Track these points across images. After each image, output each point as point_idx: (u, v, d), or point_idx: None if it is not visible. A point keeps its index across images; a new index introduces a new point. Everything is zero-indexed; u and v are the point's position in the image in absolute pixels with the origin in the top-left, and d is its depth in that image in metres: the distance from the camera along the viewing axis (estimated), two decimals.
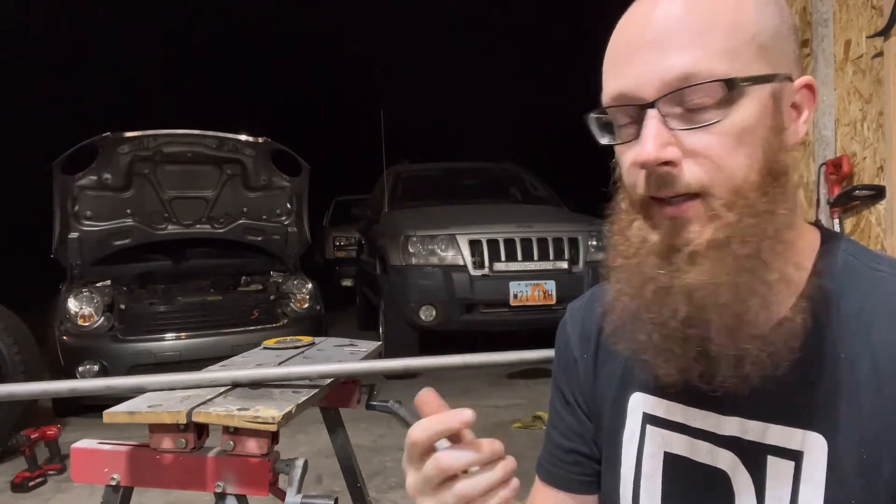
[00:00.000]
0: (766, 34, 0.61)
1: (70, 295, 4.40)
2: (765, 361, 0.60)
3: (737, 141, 0.59)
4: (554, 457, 0.84)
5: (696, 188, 0.60)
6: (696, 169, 0.60)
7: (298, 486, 1.31)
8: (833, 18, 2.61)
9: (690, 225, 0.60)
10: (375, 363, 1.87)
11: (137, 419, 1.35)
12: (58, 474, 3.38)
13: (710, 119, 0.59)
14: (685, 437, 0.69)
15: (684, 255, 0.60)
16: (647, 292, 0.62)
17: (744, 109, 0.59)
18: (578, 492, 0.82)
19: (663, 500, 0.71)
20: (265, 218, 5.27)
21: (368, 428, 3.86)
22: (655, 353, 0.64)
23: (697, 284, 0.59)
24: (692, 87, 0.58)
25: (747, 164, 0.60)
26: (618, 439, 0.76)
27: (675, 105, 0.60)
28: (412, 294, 5.10)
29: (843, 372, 0.61)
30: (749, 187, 0.59)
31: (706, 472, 0.67)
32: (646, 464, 0.73)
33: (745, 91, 0.59)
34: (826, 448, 0.60)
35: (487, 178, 7.06)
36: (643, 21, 0.62)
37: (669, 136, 0.60)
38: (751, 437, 0.65)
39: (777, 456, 0.63)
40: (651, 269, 0.62)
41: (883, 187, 2.38)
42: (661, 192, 0.61)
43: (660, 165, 0.60)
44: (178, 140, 4.77)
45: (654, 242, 0.62)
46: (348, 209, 8.16)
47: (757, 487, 0.64)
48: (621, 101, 0.63)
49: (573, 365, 0.82)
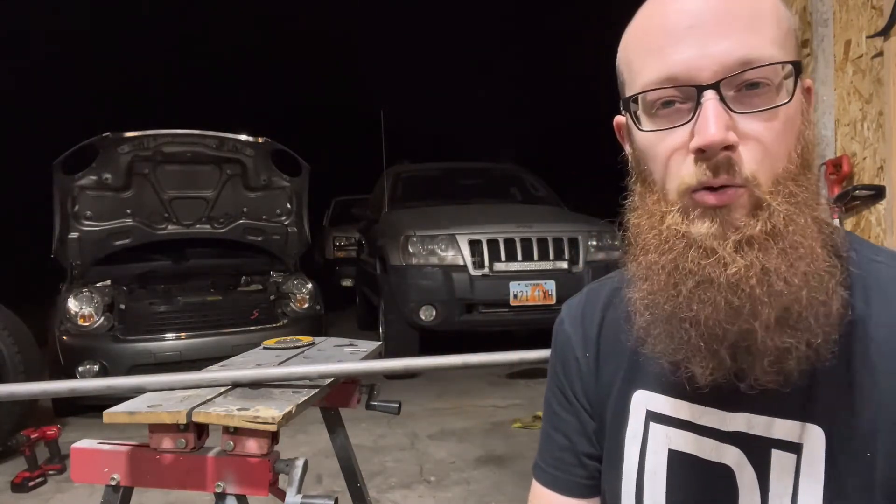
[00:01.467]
0: (794, 30, 0.63)
1: (70, 295, 4.40)
2: (809, 356, 0.59)
3: (784, 128, 0.59)
4: (555, 459, 0.81)
5: (750, 176, 0.58)
6: (749, 155, 0.58)
7: (298, 486, 1.31)
8: (833, 18, 2.61)
9: (740, 213, 0.58)
10: (375, 363, 1.86)
11: (137, 419, 1.35)
12: (58, 474, 3.38)
13: (771, 103, 0.59)
14: (690, 434, 0.69)
15: (731, 245, 0.58)
16: (685, 289, 0.59)
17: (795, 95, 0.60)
18: (581, 496, 0.80)
19: (668, 497, 0.70)
20: (265, 218, 5.26)
21: (368, 428, 3.87)
22: (692, 354, 0.61)
23: (746, 274, 0.57)
24: (756, 68, 0.58)
25: (787, 154, 0.60)
26: (620, 437, 0.75)
27: (731, 88, 0.59)
28: (412, 294, 5.10)
29: (845, 366, 0.61)
30: (787, 176, 0.59)
31: (711, 469, 0.67)
32: (649, 461, 0.72)
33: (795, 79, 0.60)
34: (824, 440, 0.60)
35: (487, 178, 7.06)
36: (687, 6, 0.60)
37: (729, 119, 0.58)
38: (756, 432, 0.64)
39: (781, 449, 0.63)
40: (691, 264, 0.59)
41: (883, 187, 2.38)
42: (717, 179, 0.58)
43: (721, 150, 0.58)
44: (178, 140, 4.77)
45: (694, 235, 0.59)
46: (348, 209, 8.16)
47: (761, 482, 0.64)
48: (674, 82, 0.60)
49: (574, 363, 0.81)
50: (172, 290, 4.75)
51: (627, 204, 0.68)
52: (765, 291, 0.57)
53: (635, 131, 0.65)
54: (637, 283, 0.65)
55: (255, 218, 5.25)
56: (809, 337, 0.58)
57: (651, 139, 0.63)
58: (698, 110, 0.59)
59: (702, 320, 0.59)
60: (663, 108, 0.62)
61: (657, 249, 0.62)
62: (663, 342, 0.63)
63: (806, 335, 0.58)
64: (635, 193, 0.67)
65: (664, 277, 0.61)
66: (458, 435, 3.80)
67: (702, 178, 0.59)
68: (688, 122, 0.60)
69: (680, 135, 0.60)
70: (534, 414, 4.01)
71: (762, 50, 0.58)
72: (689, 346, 0.61)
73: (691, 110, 0.59)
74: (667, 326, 0.62)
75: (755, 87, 0.59)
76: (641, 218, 0.65)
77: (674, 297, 0.60)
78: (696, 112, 0.59)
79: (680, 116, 0.60)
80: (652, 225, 0.63)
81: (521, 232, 5.16)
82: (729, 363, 0.61)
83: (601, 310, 0.80)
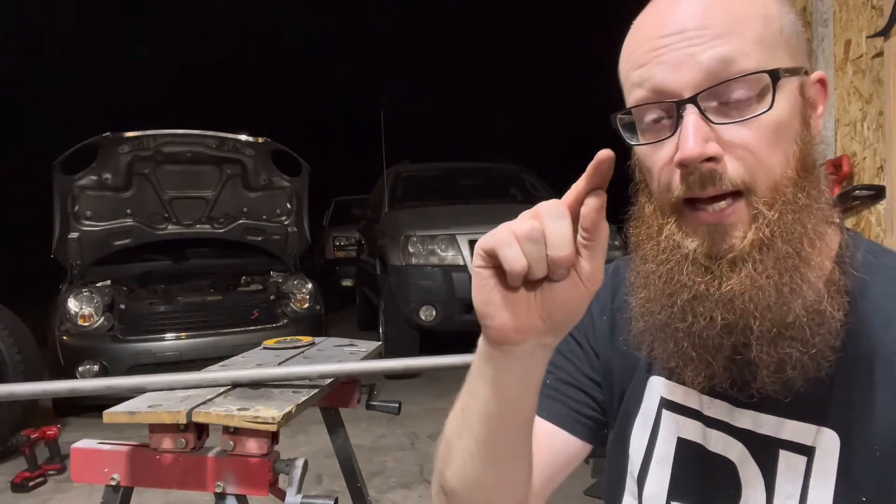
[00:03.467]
0: (790, 28, 0.62)
1: (70, 295, 4.40)
2: (807, 364, 0.59)
3: (775, 135, 0.59)
4: (553, 389, 0.78)
5: (740, 184, 0.58)
6: (737, 164, 0.58)
7: (298, 486, 1.31)
8: (833, 18, 2.61)
9: (734, 230, 0.59)
10: (375, 363, 1.87)
11: (137, 419, 1.35)
12: (58, 474, 3.38)
13: (752, 112, 0.58)
14: (699, 424, 0.69)
15: (726, 263, 0.58)
16: (680, 301, 0.60)
17: (782, 102, 0.59)
18: (571, 430, 0.77)
19: (671, 484, 0.71)
20: (265, 218, 5.27)
21: (368, 428, 3.86)
22: (685, 363, 0.62)
23: (739, 290, 0.57)
24: (735, 79, 0.58)
25: (784, 159, 0.59)
26: (631, 419, 0.75)
27: (712, 99, 0.59)
28: (412, 294, 5.09)
29: (859, 370, 0.61)
30: (787, 182, 0.59)
31: (715, 461, 0.67)
32: (658, 449, 0.72)
33: (783, 84, 0.59)
34: (839, 445, 0.60)
35: (487, 178, 7.05)
36: (670, 16, 0.61)
37: (710, 131, 0.58)
38: (765, 432, 0.64)
39: (790, 451, 0.63)
40: (686, 278, 0.60)
41: (883, 187, 2.38)
42: (705, 192, 0.59)
43: (703, 162, 0.58)
44: (178, 140, 4.77)
45: (689, 250, 0.60)
46: (348, 209, 8.15)
47: (766, 480, 0.64)
48: (655, 98, 0.61)
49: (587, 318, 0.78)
50: (172, 290, 4.75)
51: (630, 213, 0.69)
52: (758, 307, 0.57)
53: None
54: (636, 291, 0.66)
55: (255, 218, 5.25)
56: (806, 347, 0.58)
57: (645, 151, 0.64)
58: (680, 124, 0.59)
59: (696, 332, 0.60)
60: (653, 123, 0.63)
61: (654, 259, 0.63)
62: (657, 349, 0.65)
63: (802, 345, 0.58)
64: (637, 203, 0.68)
65: (661, 286, 0.62)
66: None
67: (689, 191, 0.59)
68: (672, 136, 0.60)
69: (668, 148, 0.61)
70: None
71: (743, 55, 0.58)
72: (682, 355, 0.62)
73: (674, 125, 0.60)
74: (661, 335, 0.63)
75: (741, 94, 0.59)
76: (641, 228, 0.66)
77: (668, 307, 0.61)
78: (678, 126, 0.60)
79: (666, 130, 0.61)
80: (650, 235, 0.64)
81: None
82: (721, 372, 0.62)
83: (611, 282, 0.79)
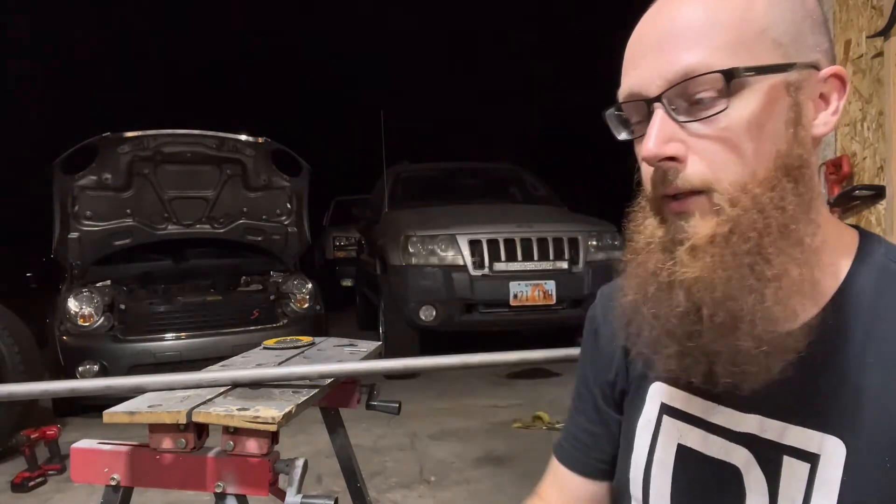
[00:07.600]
0: (781, 27, 0.61)
1: (70, 295, 4.40)
2: (762, 361, 0.59)
3: (744, 134, 0.59)
4: (575, 438, 0.85)
5: (699, 184, 0.60)
6: (699, 165, 0.60)
7: (298, 486, 1.31)
8: (833, 18, 2.61)
9: (692, 219, 0.61)
10: (375, 363, 1.86)
11: (137, 419, 1.35)
12: (58, 474, 3.38)
13: (711, 111, 0.60)
14: (700, 430, 0.70)
15: (685, 250, 0.60)
16: (651, 287, 0.63)
17: (748, 101, 0.59)
18: (594, 477, 0.83)
19: (672, 490, 0.71)
20: (265, 218, 5.27)
21: (368, 428, 3.86)
22: (656, 349, 0.64)
23: (695, 279, 0.59)
24: (692, 79, 0.59)
25: (754, 159, 0.59)
26: (633, 424, 0.77)
27: (682, 99, 0.61)
28: (412, 294, 5.09)
29: (869, 377, 0.60)
30: (755, 182, 0.59)
31: (717, 468, 0.67)
32: (658, 453, 0.73)
33: (748, 82, 0.59)
34: (844, 453, 0.60)
35: (487, 178, 7.06)
36: (652, 23, 0.64)
37: (674, 132, 0.61)
38: (768, 436, 0.64)
39: (794, 457, 0.62)
40: (655, 265, 0.63)
41: (883, 187, 2.38)
42: (667, 189, 0.62)
43: (663, 161, 0.61)
44: (178, 140, 4.77)
45: (658, 237, 0.63)
46: (348, 209, 8.15)
47: (770, 487, 0.64)
48: (632, 98, 0.64)
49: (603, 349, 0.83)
50: (172, 290, 4.76)
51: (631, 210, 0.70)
52: (709, 297, 0.59)
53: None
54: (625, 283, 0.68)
55: (255, 218, 5.25)
56: (759, 343, 0.59)
57: (636, 149, 0.67)
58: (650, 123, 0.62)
59: (662, 318, 0.62)
60: (638, 123, 0.66)
61: (640, 251, 0.66)
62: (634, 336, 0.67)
63: (752, 341, 0.59)
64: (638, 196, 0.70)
65: (638, 273, 0.65)
66: (458, 435, 3.80)
67: (658, 187, 0.63)
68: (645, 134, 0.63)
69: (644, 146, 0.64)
70: (534, 414, 4.00)
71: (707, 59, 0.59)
72: (654, 341, 0.64)
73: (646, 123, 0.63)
74: (636, 320, 0.66)
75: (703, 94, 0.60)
76: (632, 220, 0.69)
77: (642, 293, 0.64)
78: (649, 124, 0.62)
79: (643, 128, 0.64)
80: (636, 227, 0.67)
81: (521, 232, 5.16)
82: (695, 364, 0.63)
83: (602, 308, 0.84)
